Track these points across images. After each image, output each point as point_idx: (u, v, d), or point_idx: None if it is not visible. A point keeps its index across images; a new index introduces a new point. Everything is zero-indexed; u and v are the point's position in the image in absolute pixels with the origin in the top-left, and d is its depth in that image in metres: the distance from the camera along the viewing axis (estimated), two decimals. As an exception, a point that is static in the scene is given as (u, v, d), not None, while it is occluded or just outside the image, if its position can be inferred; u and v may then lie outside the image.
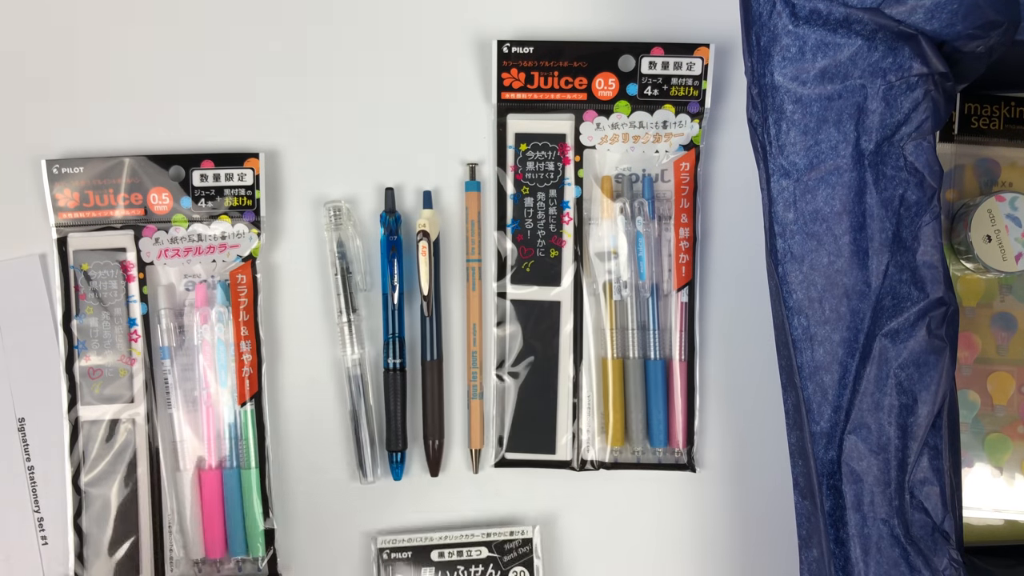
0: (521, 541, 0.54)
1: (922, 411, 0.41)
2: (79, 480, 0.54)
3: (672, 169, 0.56)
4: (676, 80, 0.55)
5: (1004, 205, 0.51)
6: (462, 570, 0.54)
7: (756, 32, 0.43)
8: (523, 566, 0.54)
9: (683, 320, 0.55)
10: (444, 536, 0.54)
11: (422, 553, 0.54)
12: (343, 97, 0.57)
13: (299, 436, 0.56)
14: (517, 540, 0.54)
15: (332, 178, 0.57)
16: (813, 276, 0.43)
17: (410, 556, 0.54)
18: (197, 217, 0.55)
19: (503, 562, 0.54)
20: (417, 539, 0.54)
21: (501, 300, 0.56)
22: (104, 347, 0.55)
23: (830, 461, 0.43)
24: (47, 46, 0.57)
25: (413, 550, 0.54)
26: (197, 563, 0.55)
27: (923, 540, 0.42)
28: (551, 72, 0.55)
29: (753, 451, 0.56)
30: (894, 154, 0.42)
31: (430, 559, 0.54)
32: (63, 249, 0.55)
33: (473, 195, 0.56)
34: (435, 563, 0.54)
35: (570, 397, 0.56)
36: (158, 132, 0.57)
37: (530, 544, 0.54)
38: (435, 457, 0.56)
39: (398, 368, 0.55)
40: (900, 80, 0.42)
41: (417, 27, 0.57)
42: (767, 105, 0.43)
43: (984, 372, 0.54)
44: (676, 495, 0.57)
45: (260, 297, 0.55)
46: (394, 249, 0.55)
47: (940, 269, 0.42)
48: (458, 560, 0.54)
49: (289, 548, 0.56)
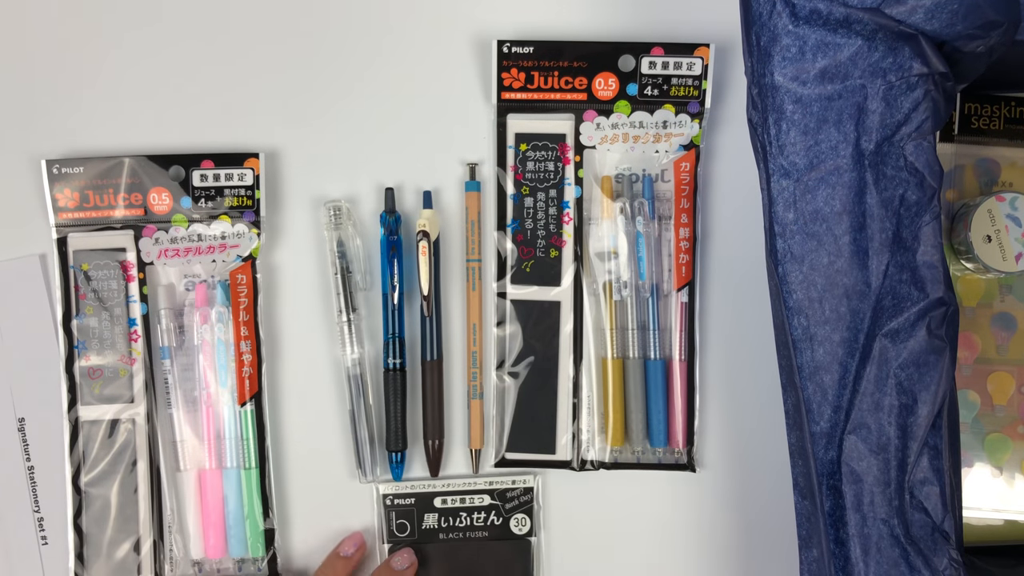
0: (523, 490, 0.56)
1: (922, 411, 0.41)
2: (79, 480, 0.54)
3: (672, 169, 0.56)
4: (676, 80, 0.55)
5: (1004, 205, 0.51)
6: (464, 516, 0.55)
7: (756, 32, 0.43)
8: (524, 513, 0.55)
9: (683, 320, 0.55)
10: (447, 484, 0.56)
11: (425, 500, 0.55)
12: (343, 97, 0.57)
13: (299, 436, 0.57)
14: (519, 488, 0.56)
15: (332, 178, 0.57)
16: (813, 276, 0.43)
17: (413, 503, 0.55)
18: (197, 217, 0.55)
19: (505, 509, 0.55)
20: (420, 486, 0.55)
21: (501, 300, 0.56)
22: (104, 347, 0.55)
23: (830, 461, 0.43)
24: (47, 46, 0.57)
25: (416, 496, 0.55)
26: (197, 563, 0.55)
27: (923, 540, 0.42)
28: (551, 72, 0.55)
29: (753, 451, 0.57)
30: (894, 154, 0.42)
31: (433, 505, 0.55)
32: (63, 249, 0.55)
33: (473, 195, 0.56)
34: (438, 509, 0.55)
35: (570, 397, 0.56)
36: (158, 132, 0.57)
37: (531, 492, 0.55)
38: (435, 457, 0.56)
39: (398, 368, 0.55)
40: (900, 80, 0.42)
41: (417, 27, 0.57)
42: (767, 105, 0.43)
43: (984, 372, 0.54)
44: (676, 495, 0.57)
45: (260, 297, 0.55)
46: (394, 249, 0.55)
47: (940, 269, 0.42)
48: (461, 507, 0.55)
49: (289, 548, 0.56)
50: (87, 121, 0.57)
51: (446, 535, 0.55)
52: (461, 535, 0.55)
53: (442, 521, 0.55)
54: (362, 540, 0.55)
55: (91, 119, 0.57)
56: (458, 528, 0.55)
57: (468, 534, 0.55)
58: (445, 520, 0.55)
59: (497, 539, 0.55)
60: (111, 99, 0.57)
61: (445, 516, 0.55)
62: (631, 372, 0.55)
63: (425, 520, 0.55)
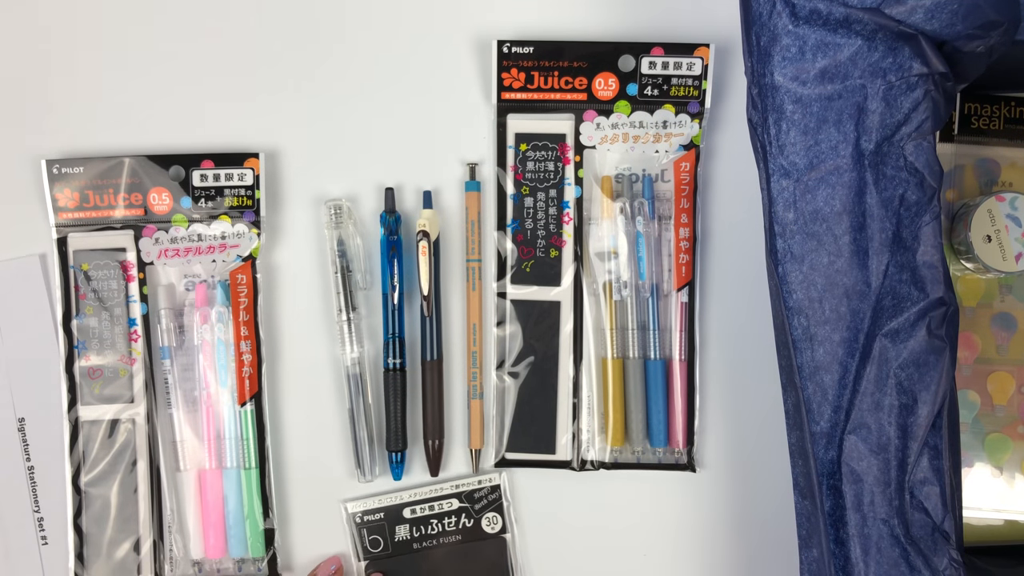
0: (490, 488, 0.56)
1: (922, 411, 0.41)
2: (79, 480, 0.54)
3: (672, 169, 0.56)
4: (676, 80, 0.55)
5: (1004, 205, 0.51)
6: (435, 522, 0.55)
7: (756, 32, 0.43)
8: (495, 511, 0.55)
9: (683, 320, 0.55)
10: (413, 494, 0.55)
11: (394, 512, 0.55)
12: (343, 97, 0.57)
13: (299, 436, 0.57)
14: (486, 488, 0.56)
15: (332, 178, 0.57)
16: (813, 276, 0.43)
17: (383, 516, 0.55)
18: (197, 217, 0.55)
19: (475, 510, 0.55)
20: (387, 499, 0.55)
21: (501, 300, 0.56)
22: (104, 347, 0.55)
23: (830, 461, 0.43)
24: (47, 46, 0.57)
25: (385, 511, 0.55)
26: (197, 563, 0.55)
27: (923, 540, 0.42)
28: (551, 72, 0.55)
29: (753, 451, 0.56)
30: (894, 154, 0.42)
31: (403, 516, 0.55)
32: (63, 249, 0.55)
33: (473, 195, 0.56)
34: (408, 520, 0.55)
35: (570, 397, 0.56)
36: (158, 132, 0.57)
37: (499, 490, 0.55)
38: (435, 457, 0.56)
39: (398, 368, 0.55)
40: (900, 80, 0.42)
41: (417, 27, 0.57)
42: (767, 105, 0.43)
43: (984, 372, 0.54)
44: (676, 495, 0.57)
45: (260, 297, 0.55)
46: (394, 249, 0.55)
47: (940, 269, 0.42)
48: (431, 514, 0.55)
49: (289, 548, 0.56)
50: (87, 121, 0.57)
51: (419, 544, 0.55)
52: (435, 542, 0.55)
53: (414, 531, 0.55)
54: (339, 563, 0.55)
55: (91, 119, 0.57)
56: (430, 536, 0.55)
57: (441, 539, 0.55)
58: (416, 529, 0.55)
59: (471, 540, 0.55)
60: (111, 99, 0.57)
61: (416, 525, 0.55)
62: (631, 372, 0.55)
63: (397, 532, 0.55)
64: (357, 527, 0.55)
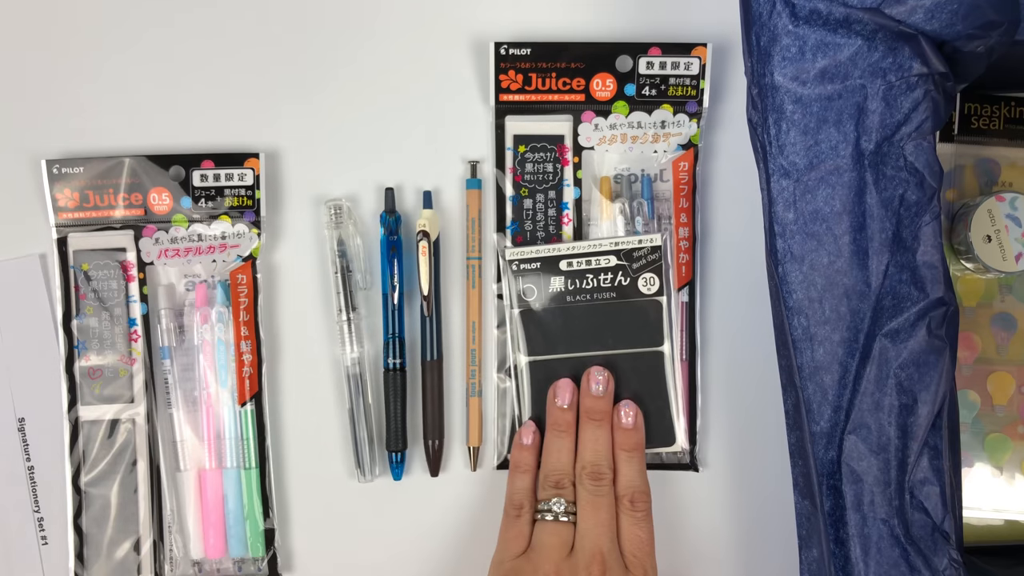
0: (650, 248, 0.54)
1: (922, 411, 0.41)
2: (79, 480, 0.54)
3: (671, 169, 0.56)
4: (674, 80, 0.55)
5: (1004, 205, 0.51)
6: (591, 277, 0.54)
7: (756, 32, 0.43)
8: (652, 272, 0.54)
9: (683, 320, 0.55)
10: (572, 247, 0.54)
11: (551, 263, 0.54)
12: (343, 97, 0.57)
13: (299, 436, 0.57)
14: (646, 248, 0.54)
15: (332, 178, 0.57)
16: (813, 276, 0.43)
17: (539, 266, 0.54)
18: (197, 217, 0.55)
19: (632, 269, 0.54)
20: (545, 251, 0.54)
21: (501, 301, 0.56)
22: (104, 347, 0.55)
23: (830, 461, 0.43)
24: (47, 46, 0.57)
25: (542, 260, 0.54)
26: (197, 563, 0.55)
27: (923, 540, 0.42)
28: (549, 73, 0.55)
29: (753, 451, 0.56)
30: (894, 154, 0.42)
31: (559, 268, 0.54)
32: (63, 249, 0.55)
33: (474, 192, 0.56)
34: (564, 272, 0.54)
35: (570, 397, 0.56)
36: (158, 132, 0.57)
37: (659, 251, 0.54)
38: (435, 457, 0.56)
39: (398, 368, 0.55)
40: (900, 80, 0.42)
41: (415, 28, 0.57)
42: (767, 105, 0.43)
43: (984, 372, 0.54)
44: (677, 495, 0.57)
45: (260, 297, 0.55)
46: (394, 249, 0.55)
47: (940, 269, 0.42)
48: (587, 269, 0.54)
49: (289, 548, 0.56)
50: (87, 121, 0.57)
51: (573, 298, 0.54)
52: (588, 296, 0.54)
53: (568, 284, 0.54)
54: (535, 427, 0.54)
55: (91, 119, 0.57)
56: (585, 290, 0.54)
57: (596, 295, 0.54)
58: (572, 283, 0.54)
59: (625, 299, 0.54)
60: (111, 99, 0.57)
61: (571, 279, 0.54)
62: (631, 372, 0.55)
63: (551, 284, 0.54)
64: (515, 274, 0.54)
